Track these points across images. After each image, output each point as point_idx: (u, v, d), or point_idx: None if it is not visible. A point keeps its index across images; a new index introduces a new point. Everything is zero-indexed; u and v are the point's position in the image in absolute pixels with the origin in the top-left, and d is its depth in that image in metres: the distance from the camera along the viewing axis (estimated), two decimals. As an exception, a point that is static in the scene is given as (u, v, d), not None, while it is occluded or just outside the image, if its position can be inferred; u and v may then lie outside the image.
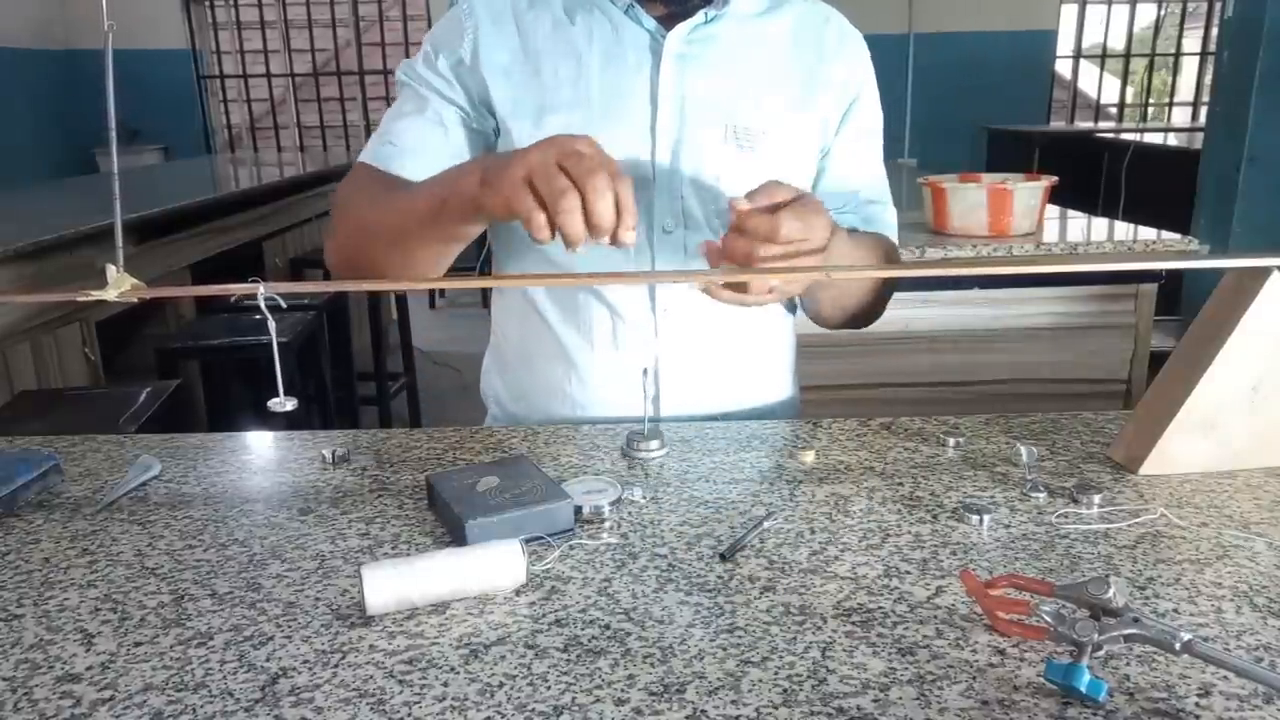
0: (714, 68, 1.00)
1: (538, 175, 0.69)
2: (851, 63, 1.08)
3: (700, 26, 1.00)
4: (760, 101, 1.02)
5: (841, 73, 1.06)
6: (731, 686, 0.55)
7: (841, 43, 1.07)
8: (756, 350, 1.11)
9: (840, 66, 1.06)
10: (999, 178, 2.14)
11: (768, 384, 1.13)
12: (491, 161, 0.79)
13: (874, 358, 2.02)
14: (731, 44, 1.02)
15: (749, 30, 1.03)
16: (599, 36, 0.99)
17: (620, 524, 0.76)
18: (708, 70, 1.00)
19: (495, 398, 1.16)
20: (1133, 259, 1.97)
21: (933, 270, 2.18)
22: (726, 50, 1.01)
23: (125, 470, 0.89)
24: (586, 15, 1.00)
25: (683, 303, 1.02)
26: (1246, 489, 0.81)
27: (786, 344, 1.17)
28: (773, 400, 1.14)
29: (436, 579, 0.64)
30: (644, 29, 0.99)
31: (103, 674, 0.57)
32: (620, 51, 0.99)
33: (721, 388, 1.08)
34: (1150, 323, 2.02)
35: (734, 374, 1.09)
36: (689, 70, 0.99)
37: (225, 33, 6.93)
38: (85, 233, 2.41)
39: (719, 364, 1.07)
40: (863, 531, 0.74)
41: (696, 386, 1.05)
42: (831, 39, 1.06)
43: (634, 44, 0.99)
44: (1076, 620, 0.54)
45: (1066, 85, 7.30)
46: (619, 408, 1.04)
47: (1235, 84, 3.41)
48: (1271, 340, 0.79)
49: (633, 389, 1.05)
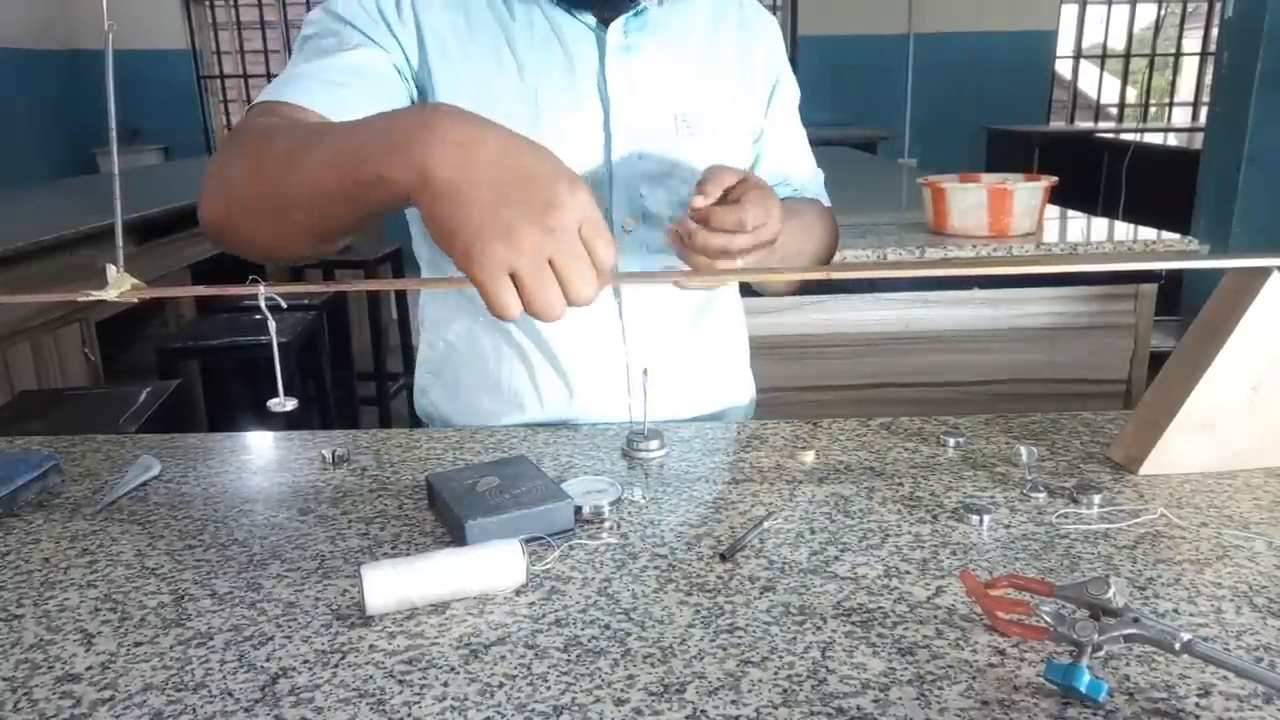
0: (656, 56, 0.99)
1: (525, 273, 0.57)
2: (769, 41, 1.10)
3: (632, 17, 0.98)
4: (703, 86, 1.02)
5: (762, 51, 1.09)
6: (731, 686, 0.55)
7: (756, 20, 1.09)
8: (719, 351, 1.13)
9: (760, 45, 1.09)
10: (999, 178, 2.14)
11: (731, 385, 1.15)
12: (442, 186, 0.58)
13: (874, 358, 2.02)
14: (665, 32, 1.01)
15: (675, 16, 1.02)
16: (538, 27, 0.96)
17: (620, 524, 0.76)
18: (650, 60, 0.99)
19: (441, 418, 1.10)
20: (1133, 259, 1.97)
21: (933, 270, 2.18)
22: (662, 38, 1.00)
23: (125, 470, 0.89)
24: (523, 7, 0.96)
25: (648, 306, 1.02)
26: (1246, 489, 0.81)
27: (744, 343, 1.18)
28: (737, 402, 1.14)
29: (436, 579, 0.64)
30: (583, 24, 0.96)
31: (103, 674, 0.57)
32: (562, 46, 0.96)
33: (688, 391, 1.07)
34: (1150, 323, 2.02)
35: (700, 376, 1.09)
36: (634, 62, 0.98)
37: (225, 33, 6.93)
38: (85, 233, 2.41)
39: (684, 367, 1.06)
40: (863, 531, 0.74)
41: (664, 390, 1.01)
42: (748, 19, 1.09)
43: (575, 38, 0.96)
44: (1076, 620, 0.54)
45: (1066, 85, 7.30)
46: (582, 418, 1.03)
47: (1235, 84, 3.41)
48: (1271, 340, 0.79)
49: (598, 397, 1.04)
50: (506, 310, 0.58)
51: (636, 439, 0.91)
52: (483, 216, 0.57)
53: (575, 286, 0.59)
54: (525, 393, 1.04)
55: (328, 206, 0.66)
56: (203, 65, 6.81)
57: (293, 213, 0.69)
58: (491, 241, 0.56)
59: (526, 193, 0.57)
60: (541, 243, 0.57)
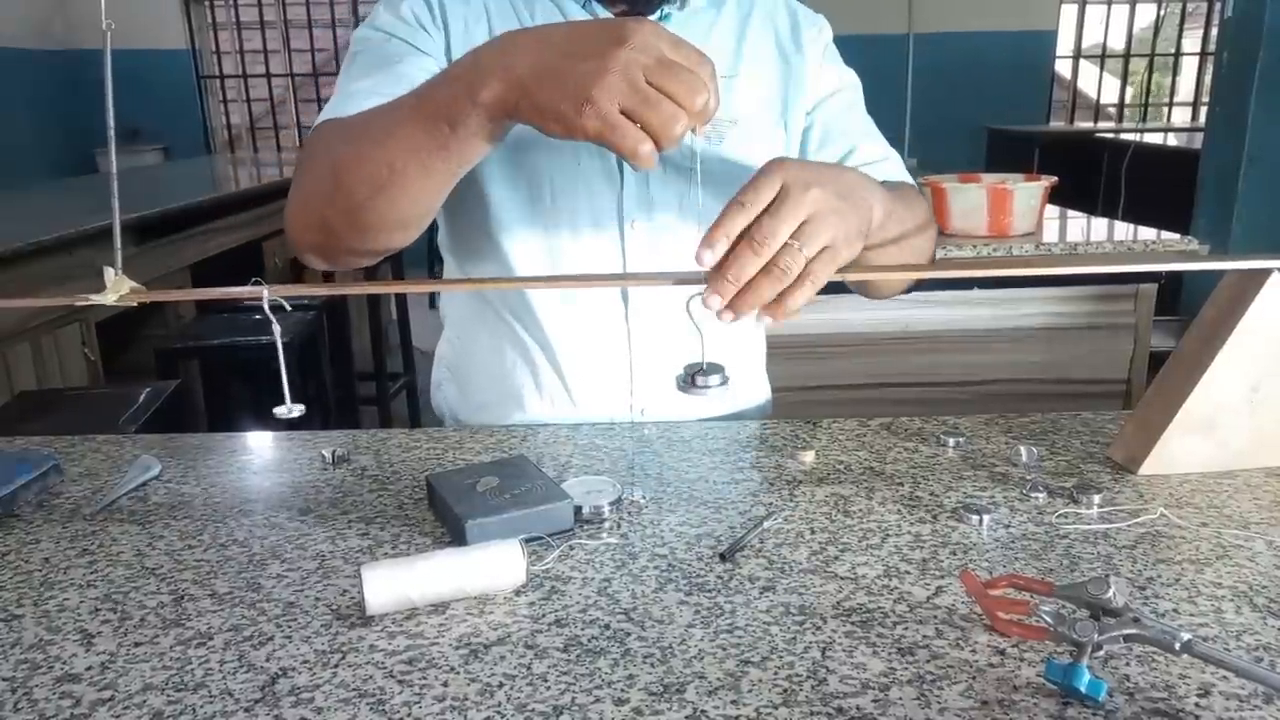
0: None
1: (637, 104, 0.59)
2: (816, 43, 1.06)
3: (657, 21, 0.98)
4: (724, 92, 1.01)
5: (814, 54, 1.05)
6: (731, 686, 0.55)
7: (805, 26, 1.06)
8: (732, 353, 1.11)
9: (806, 49, 1.05)
10: (999, 178, 2.14)
11: (745, 386, 1.13)
12: (525, 71, 0.63)
13: (874, 358, 2.02)
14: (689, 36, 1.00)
15: (705, 20, 1.02)
16: None
17: (620, 524, 0.76)
18: None
19: (451, 412, 1.13)
20: (1132, 260, 1.97)
21: (933, 270, 2.17)
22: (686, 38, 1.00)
23: (125, 470, 0.89)
24: (542, 10, 0.98)
25: (655, 304, 1.02)
26: (1246, 489, 0.81)
27: (760, 345, 1.17)
28: (750, 404, 1.13)
29: (436, 579, 0.64)
30: None
31: (102, 674, 0.57)
32: None
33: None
34: (1150, 323, 2.02)
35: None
36: None
37: (225, 33, 6.92)
38: (85, 233, 2.41)
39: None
40: (862, 531, 0.74)
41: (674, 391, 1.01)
42: (799, 22, 1.06)
43: None
44: (1076, 620, 0.54)
45: (1066, 85, 7.30)
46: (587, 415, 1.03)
47: (1235, 84, 3.41)
48: (1271, 340, 0.79)
49: (602, 395, 1.04)
50: (638, 148, 0.60)
51: (694, 370, 0.73)
52: (570, 76, 0.60)
53: (683, 94, 0.60)
54: (528, 390, 1.04)
55: (417, 164, 0.71)
56: (203, 65, 6.81)
57: (381, 195, 0.73)
58: (587, 89, 0.59)
59: (596, 41, 0.61)
60: (629, 64, 0.59)
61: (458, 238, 1.05)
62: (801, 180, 0.65)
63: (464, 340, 1.10)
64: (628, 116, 0.60)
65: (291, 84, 7.09)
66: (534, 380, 1.04)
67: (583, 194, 0.99)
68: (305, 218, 0.82)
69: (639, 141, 0.60)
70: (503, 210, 0.99)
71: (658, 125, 0.60)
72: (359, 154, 0.74)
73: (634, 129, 0.60)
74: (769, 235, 0.63)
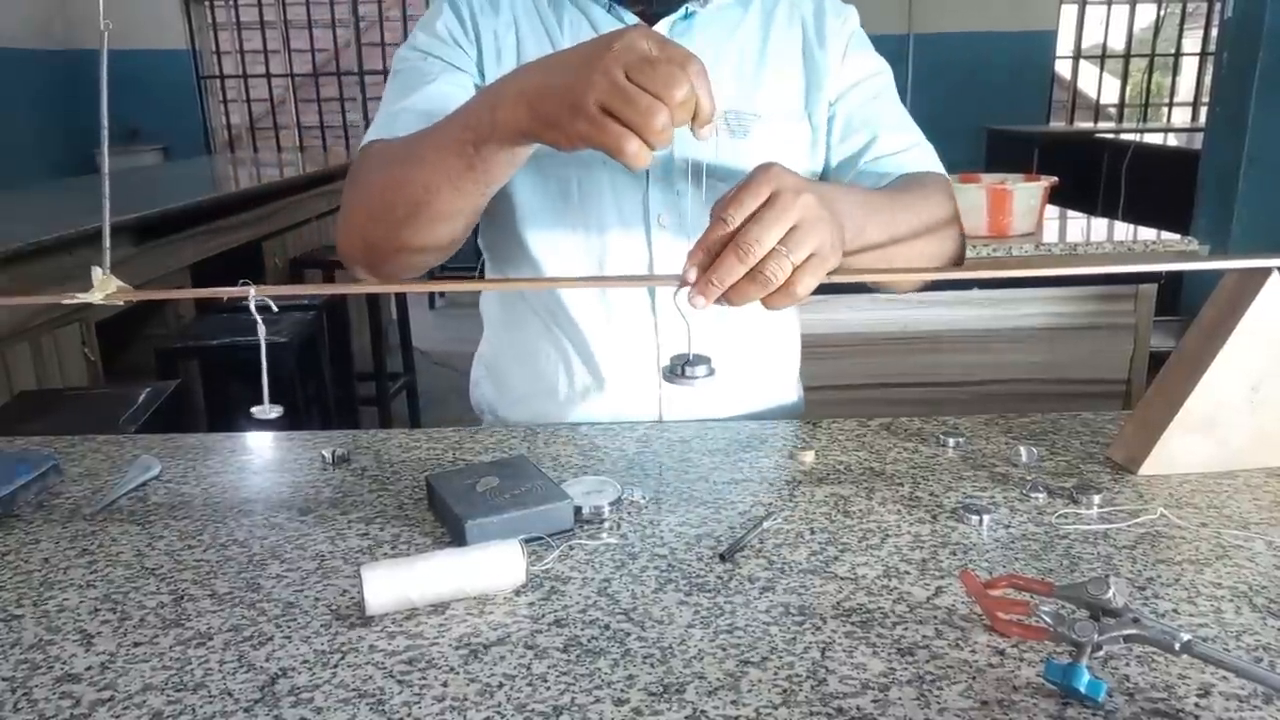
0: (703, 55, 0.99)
1: (615, 100, 0.61)
2: (840, 33, 1.05)
3: (681, 20, 0.99)
4: (749, 86, 1.01)
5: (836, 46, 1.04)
6: (731, 687, 0.55)
7: (830, 16, 1.05)
8: (762, 353, 1.11)
9: (829, 40, 1.04)
10: (999, 178, 2.14)
11: (774, 387, 1.13)
12: (530, 89, 0.68)
13: (874, 358, 2.02)
14: (714, 33, 1.01)
15: (731, 17, 1.02)
16: (583, 33, 0.98)
17: (620, 524, 0.76)
18: None
19: (489, 407, 1.16)
20: (1132, 260, 1.97)
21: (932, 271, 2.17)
22: (710, 38, 1.00)
23: (125, 470, 0.89)
24: (569, 16, 1.00)
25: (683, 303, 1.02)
26: (1246, 489, 0.81)
27: (793, 346, 1.16)
28: (778, 404, 1.13)
29: (436, 579, 0.64)
30: (626, 24, 0.98)
31: (102, 674, 0.57)
32: None
33: (727, 392, 1.07)
34: (1150, 323, 2.02)
35: (740, 377, 1.07)
36: None
37: (225, 33, 6.92)
38: (85, 233, 2.41)
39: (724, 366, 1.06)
40: (862, 532, 0.74)
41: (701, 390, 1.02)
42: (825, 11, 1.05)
43: None
44: (1076, 620, 0.54)
45: (1066, 85, 7.29)
46: (617, 412, 1.03)
47: (1235, 84, 3.41)
48: (1271, 340, 0.79)
49: (632, 392, 1.04)
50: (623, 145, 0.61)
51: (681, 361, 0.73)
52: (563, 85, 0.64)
53: (660, 86, 0.60)
54: (561, 385, 1.06)
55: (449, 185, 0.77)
56: (203, 65, 6.80)
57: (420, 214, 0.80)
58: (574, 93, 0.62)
59: (587, 51, 0.64)
60: (609, 64, 0.61)
61: (491, 241, 1.08)
62: (791, 186, 0.65)
63: (499, 338, 1.13)
64: (612, 115, 0.61)
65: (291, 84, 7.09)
66: (567, 375, 1.06)
67: (608, 193, 1.00)
68: (352, 236, 0.89)
69: (621, 138, 0.61)
70: (530, 214, 1.01)
71: (637, 119, 0.61)
72: (398, 176, 0.81)
73: (616, 126, 0.61)
74: (754, 242, 0.63)
